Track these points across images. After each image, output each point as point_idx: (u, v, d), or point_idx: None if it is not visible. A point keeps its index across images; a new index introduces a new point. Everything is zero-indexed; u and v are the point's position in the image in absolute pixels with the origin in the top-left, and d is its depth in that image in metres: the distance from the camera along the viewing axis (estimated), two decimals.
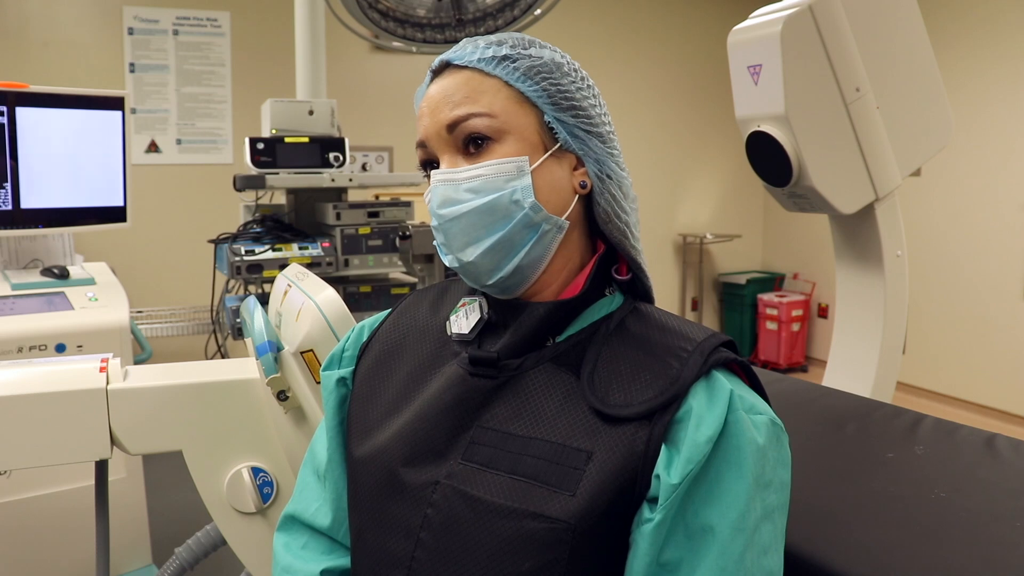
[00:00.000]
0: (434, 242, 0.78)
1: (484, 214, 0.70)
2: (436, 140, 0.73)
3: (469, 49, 0.75)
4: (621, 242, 0.76)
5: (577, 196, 0.75)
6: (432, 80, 0.77)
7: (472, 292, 0.81)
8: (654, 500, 0.64)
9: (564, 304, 0.73)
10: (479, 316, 0.77)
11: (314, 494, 0.85)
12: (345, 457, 0.82)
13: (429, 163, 0.76)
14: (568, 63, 0.76)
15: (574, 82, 0.75)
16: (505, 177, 0.70)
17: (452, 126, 0.72)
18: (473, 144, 0.72)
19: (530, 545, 0.63)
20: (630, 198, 0.78)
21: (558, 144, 0.74)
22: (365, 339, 0.86)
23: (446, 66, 0.76)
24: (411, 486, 0.71)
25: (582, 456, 0.65)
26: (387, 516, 0.72)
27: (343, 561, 0.81)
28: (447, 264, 0.75)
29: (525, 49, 0.74)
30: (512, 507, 0.65)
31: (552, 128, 0.74)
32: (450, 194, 0.72)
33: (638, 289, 0.79)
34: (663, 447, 0.64)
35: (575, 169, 0.75)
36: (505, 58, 0.73)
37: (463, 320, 0.78)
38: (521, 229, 0.71)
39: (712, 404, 0.65)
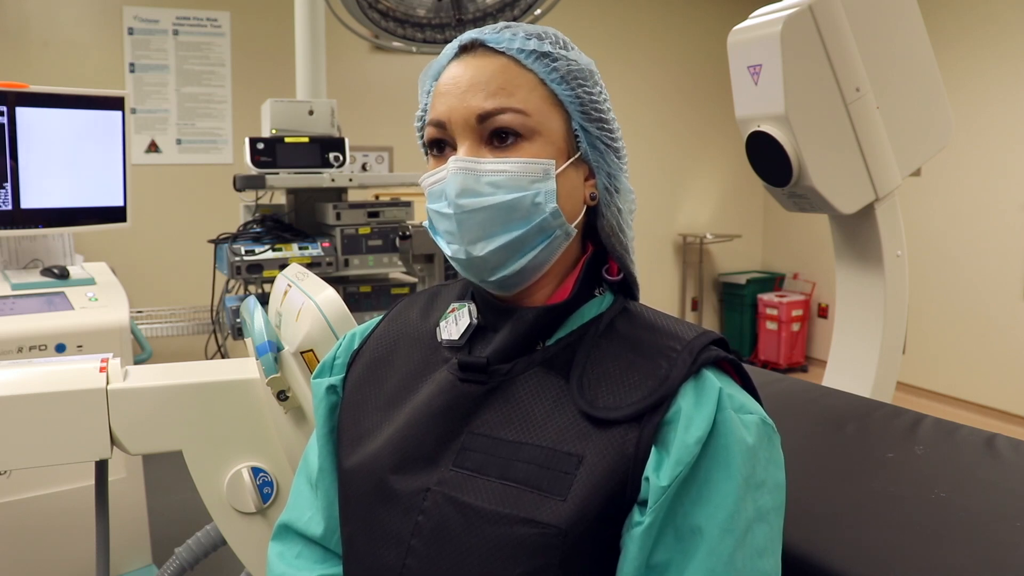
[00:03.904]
0: (424, 223, 0.76)
1: (504, 211, 0.69)
2: (460, 125, 0.70)
3: (507, 35, 0.71)
4: (622, 256, 0.76)
5: (585, 207, 0.74)
6: (458, 56, 0.73)
7: (461, 297, 0.80)
8: (644, 503, 0.63)
9: (553, 308, 0.72)
10: (468, 321, 0.76)
11: (307, 503, 0.84)
12: (336, 465, 0.81)
13: (439, 143, 0.73)
14: (596, 71, 0.75)
15: (601, 92, 0.74)
16: (531, 177, 0.69)
17: (483, 117, 0.69)
18: (499, 138, 0.69)
19: (521, 551, 0.63)
20: (632, 213, 0.77)
21: (579, 153, 0.73)
22: (356, 346, 0.85)
23: (478, 46, 0.72)
24: (402, 494, 0.70)
25: (572, 460, 0.65)
26: (378, 524, 0.71)
27: (336, 570, 0.80)
28: (450, 254, 0.72)
29: (564, 49, 0.72)
30: (503, 513, 0.64)
31: (576, 136, 0.72)
32: (470, 184, 0.69)
33: (628, 288, 0.78)
34: (653, 449, 0.64)
35: (586, 180, 0.74)
36: (545, 55, 0.71)
37: (452, 326, 0.77)
38: (537, 232, 0.70)
39: (701, 404, 0.65)
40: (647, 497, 0.63)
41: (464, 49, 0.73)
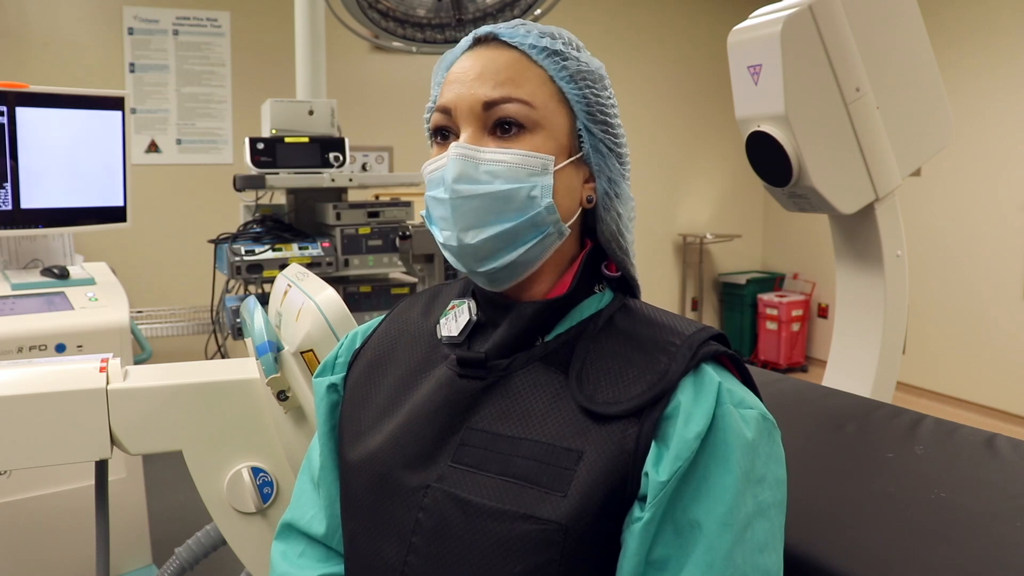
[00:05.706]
0: (422, 213, 0.75)
1: (499, 201, 0.69)
2: (466, 112, 0.70)
3: (522, 31, 0.73)
4: (622, 260, 0.76)
5: (581, 209, 0.74)
6: (471, 48, 0.74)
7: (462, 294, 0.80)
8: (644, 499, 0.63)
9: (552, 303, 0.72)
10: (468, 318, 0.76)
11: (310, 501, 0.85)
12: (337, 463, 0.82)
13: (444, 130, 0.73)
14: (606, 76, 0.76)
15: (609, 98, 0.75)
16: (528, 170, 0.69)
17: (489, 104, 0.69)
18: (502, 128, 0.70)
19: (521, 547, 0.63)
20: (632, 219, 0.78)
21: (581, 153, 0.73)
22: (358, 346, 0.86)
23: (492, 39, 0.73)
24: (402, 490, 0.70)
25: (572, 456, 0.64)
26: (379, 521, 0.71)
27: (338, 569, 0.80)
28: (441, 241, 0.72)
29: (575, 51, 0.74)
30: (503, 509, 0.64)
31: (580, 136, 0.73)
32: (468, 171, 0.69)
33: (628, 286, 0.78)
34: (652, 444, 0.63)
35: (586, 182, 0.75)
36: (556, 52, 0.72)
37: (452, 323, 0.77)
38: (529, 226, 0.70)
39: (700, 399, 0.65)
40: (647, 492, 0.63)
41: (478, 41, 0.74)
